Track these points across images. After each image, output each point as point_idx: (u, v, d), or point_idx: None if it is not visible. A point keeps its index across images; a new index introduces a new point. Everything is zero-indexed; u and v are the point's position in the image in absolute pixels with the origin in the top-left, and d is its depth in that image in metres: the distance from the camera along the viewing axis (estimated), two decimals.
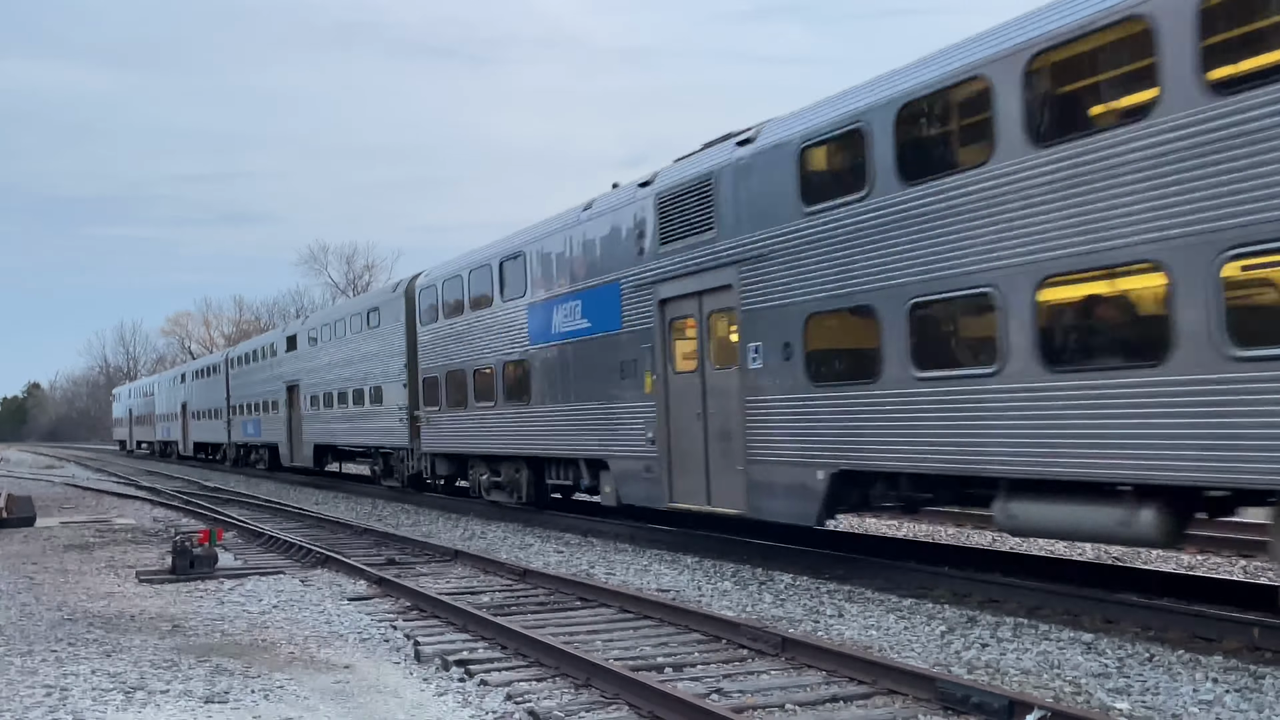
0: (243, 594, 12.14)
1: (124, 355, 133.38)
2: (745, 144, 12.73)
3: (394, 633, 9.91)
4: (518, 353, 18.38)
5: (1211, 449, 7.75)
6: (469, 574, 13.47)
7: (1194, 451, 7.86)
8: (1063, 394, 8.81)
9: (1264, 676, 7.52)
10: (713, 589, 11.79)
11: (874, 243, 10.61)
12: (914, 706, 7.04)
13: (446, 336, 21.52)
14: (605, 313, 15.67)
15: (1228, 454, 7.65)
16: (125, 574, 13.91)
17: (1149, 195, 8.08)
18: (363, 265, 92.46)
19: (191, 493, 29.36)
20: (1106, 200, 8.37)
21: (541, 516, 19.03)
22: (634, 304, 14.91)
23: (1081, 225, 8.57)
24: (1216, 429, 7.72)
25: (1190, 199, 7.80)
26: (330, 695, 7.62)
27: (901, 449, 10.43)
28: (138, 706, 7.32)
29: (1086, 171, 8.53)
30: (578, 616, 10.47)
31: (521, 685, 7.79)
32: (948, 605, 10.38)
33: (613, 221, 15.50)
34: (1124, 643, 8.62)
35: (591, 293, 16.07)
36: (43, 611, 11.13)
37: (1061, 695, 7.23)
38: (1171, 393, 7.96)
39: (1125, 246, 8.23)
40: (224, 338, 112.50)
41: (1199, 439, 7.83)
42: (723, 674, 8.02)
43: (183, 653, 8.98)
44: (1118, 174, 8.30)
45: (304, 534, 18.10)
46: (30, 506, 21.41)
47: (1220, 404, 7.67)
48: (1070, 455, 8.76)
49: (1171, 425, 8.00)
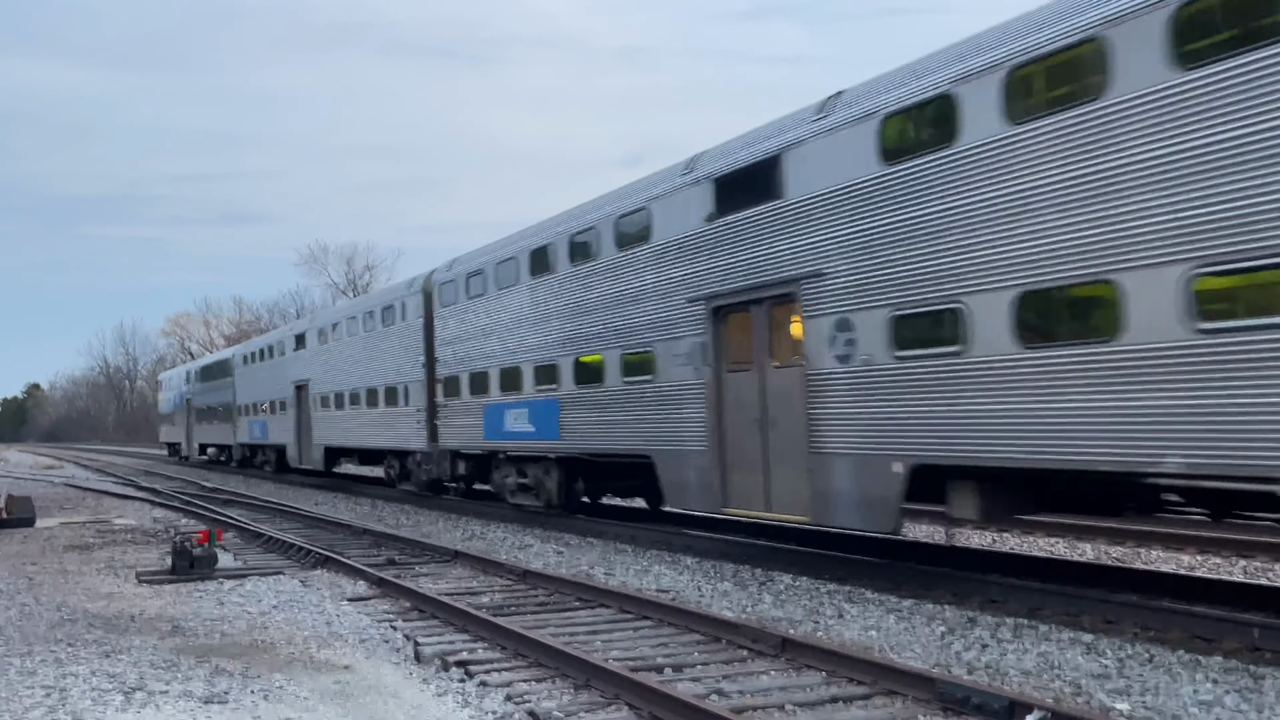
0: (242, 595, 12.14)
1: (124, 355, 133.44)
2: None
3: (394, 633, 9.90)
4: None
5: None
6: (469, 574, 13.46)
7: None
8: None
9: (1264, 677, 7.52)
10: (713, 589, 11.79)
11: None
12: (914, 707, 7.03)
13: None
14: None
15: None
16: (125, 574, 13.89)
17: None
18: (363, 265, 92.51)
19: (191, 493, 29.35)
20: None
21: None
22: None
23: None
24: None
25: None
26: (330, 696, 7.61)
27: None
28: (137, 707, 7.31)
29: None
30: (577, 617, 10.46)
31: (521, 686, 7.79)
32: (948, 606, 10.38)
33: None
34: (1124, 643, 8.62)
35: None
36: (42, 612, 11.12)
37: (1062, 696, 7.22)
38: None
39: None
40: (224, 338, 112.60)
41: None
42: (722, 674, 8.02)
43: (182, 653, 8.98)
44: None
45: (304, 534, 18.09)
46: (30, 507, 21.40)
47: None
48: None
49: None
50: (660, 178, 15.01)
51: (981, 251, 9.74)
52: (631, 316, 15.38)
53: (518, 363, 19.06)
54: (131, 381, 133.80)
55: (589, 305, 16.61)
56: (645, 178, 15.64)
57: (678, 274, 14.21)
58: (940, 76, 10.30)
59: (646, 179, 15.55)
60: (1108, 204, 8.65)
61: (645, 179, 15.60)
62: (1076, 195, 8.90)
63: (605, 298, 16.11)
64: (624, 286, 15.59)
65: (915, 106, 10.59)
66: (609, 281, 16.03)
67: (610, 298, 15.97)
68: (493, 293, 20.12)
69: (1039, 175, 9.22)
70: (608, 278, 16.06)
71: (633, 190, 15.70)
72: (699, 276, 13.76)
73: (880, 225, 10.85)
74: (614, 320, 15.87)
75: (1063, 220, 9.00)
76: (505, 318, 19.62)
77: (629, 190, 15.89)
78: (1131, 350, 8.46)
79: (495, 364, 20.00)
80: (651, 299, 14.86)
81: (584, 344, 16.80)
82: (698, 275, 13.78)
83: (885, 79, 11.19)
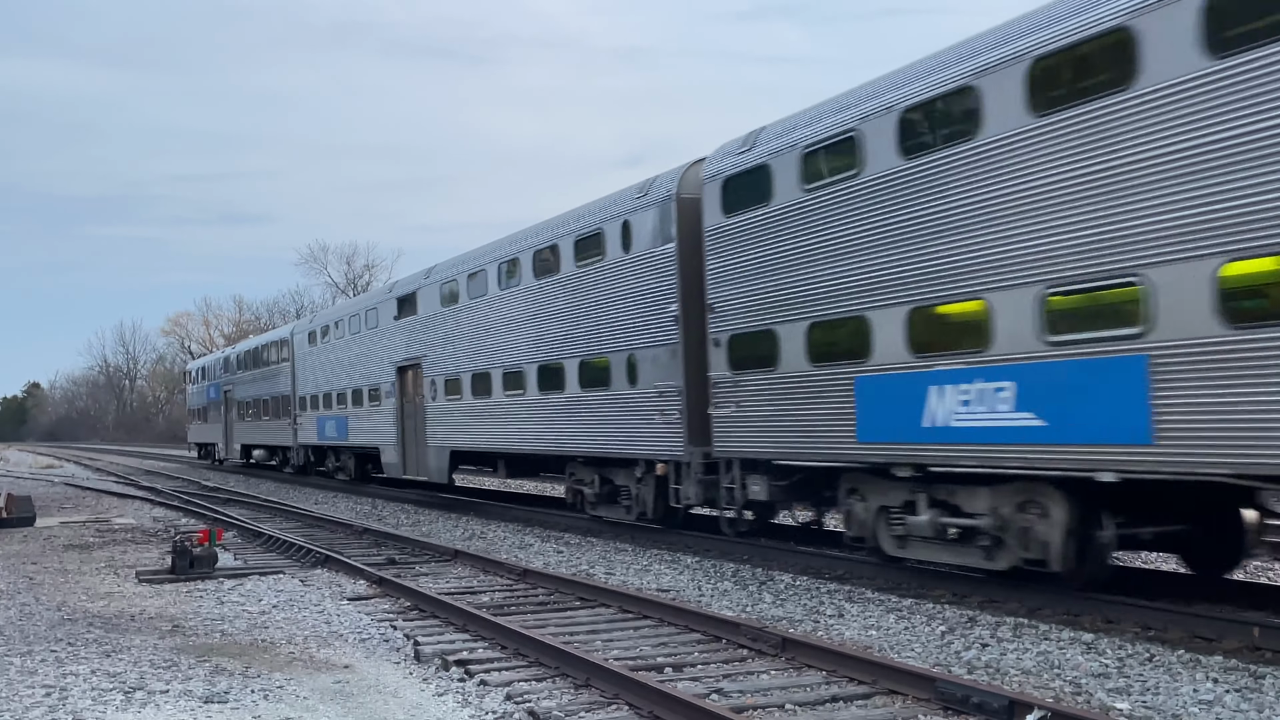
0: (242, 594, 12.14)
1: (124, 355, 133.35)
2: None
3: (394, 633, 9.90)
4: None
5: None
6: (469, 574, 13.47)
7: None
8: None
9: (1264, 676, 7.52)
10: (713, 589, 11.79)
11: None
12: (914, 706, 7.03)
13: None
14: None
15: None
16: (125, 574, 13.90)
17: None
18: (363, 265, 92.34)
19: (191, 493, 29.34)
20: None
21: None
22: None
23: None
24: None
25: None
26: (330, 695, 7.61)
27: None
28: (137, 706, 7.32)
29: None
30: (577, 616, 10.46)
31: (521, 685, 7.79)
32: (948, 605, 10.38)
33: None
34: (1124, 643, 8.62)
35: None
36: (42, 611, 11.13)
37: (1062, 695, 7.22)
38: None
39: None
40: (224, 337, 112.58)
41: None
42: (723, 674, 8.02)
43: (182, 653, 8.98)
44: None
45: (303, 534, 18.09)
46: (30, 506, 21.41)
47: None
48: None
49: None
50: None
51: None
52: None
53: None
54: (131, 381, 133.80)
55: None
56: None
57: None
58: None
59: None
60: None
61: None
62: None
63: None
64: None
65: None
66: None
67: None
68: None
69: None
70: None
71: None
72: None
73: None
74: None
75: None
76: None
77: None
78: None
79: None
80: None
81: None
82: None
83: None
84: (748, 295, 13.18)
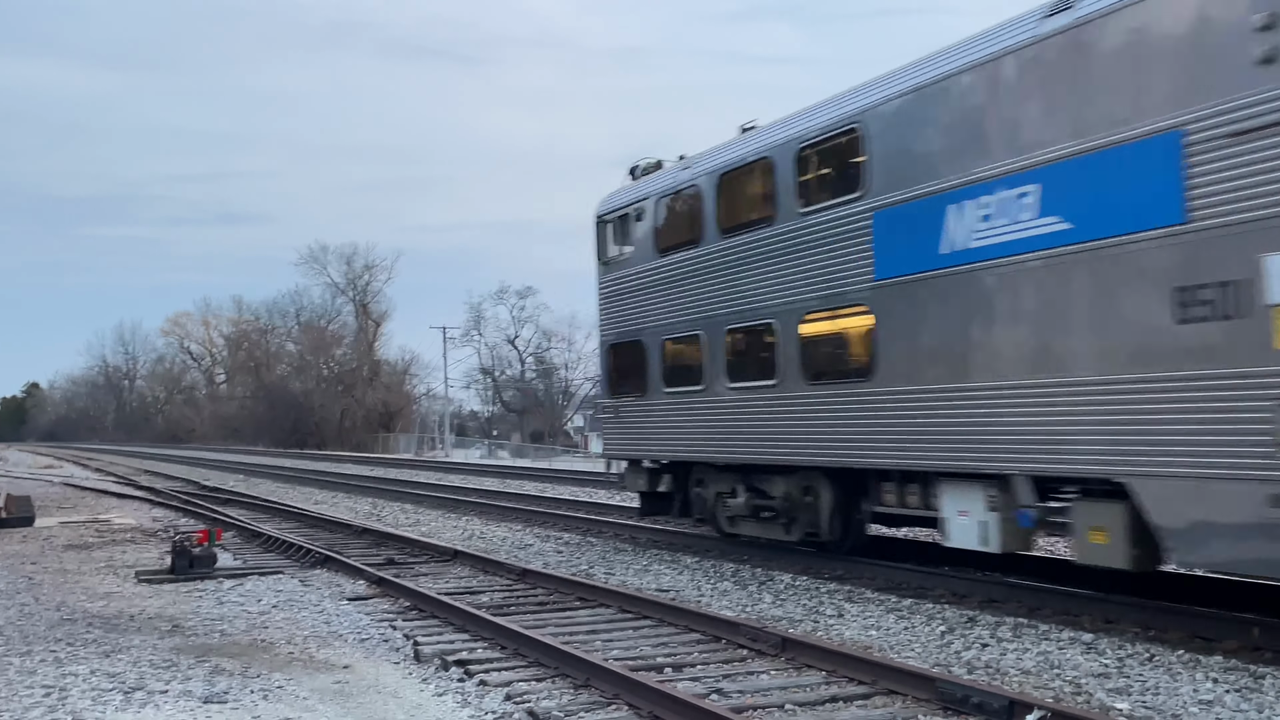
0: (242, 594, 12.13)
1: (123, 355, 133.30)
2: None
3: (393, 633, 9.89)
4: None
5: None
6: (468, 574, 13.46)
7: None
8: None
9: (1264, 676, 7.52)
10: (712, 589, 11.79)
11: None
12: (914, 707, 7.03)
13: None
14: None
15: None
16: (124, 574, 13.89)
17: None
18: (362, 265, 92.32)
19: (190, 493, 29.33)
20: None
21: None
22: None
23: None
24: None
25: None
26: (329, 695, 7.61)
27: None
28: (137, 707, 7.31)
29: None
30: (577, 616, 10.46)
31: (521, 685, 7.78)
32: (948, 605, 10.38)
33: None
34: (1124, 643, 8.62)
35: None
36: (42, 611, 11.12)
37: (1062, 695, 7.22)
38: None
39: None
40: (223, 337, 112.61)
41: None
42: (722, 674, 8.02)
43: (182, 653, 8.97)
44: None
45: (303, 534, 18.08)
46: (29, 506, 21.38)
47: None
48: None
49: None
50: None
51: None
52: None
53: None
54: (131, 381, 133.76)
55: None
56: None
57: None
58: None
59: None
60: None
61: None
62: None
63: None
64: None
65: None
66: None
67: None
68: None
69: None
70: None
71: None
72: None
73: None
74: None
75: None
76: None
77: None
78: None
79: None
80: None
81: None
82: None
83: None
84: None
